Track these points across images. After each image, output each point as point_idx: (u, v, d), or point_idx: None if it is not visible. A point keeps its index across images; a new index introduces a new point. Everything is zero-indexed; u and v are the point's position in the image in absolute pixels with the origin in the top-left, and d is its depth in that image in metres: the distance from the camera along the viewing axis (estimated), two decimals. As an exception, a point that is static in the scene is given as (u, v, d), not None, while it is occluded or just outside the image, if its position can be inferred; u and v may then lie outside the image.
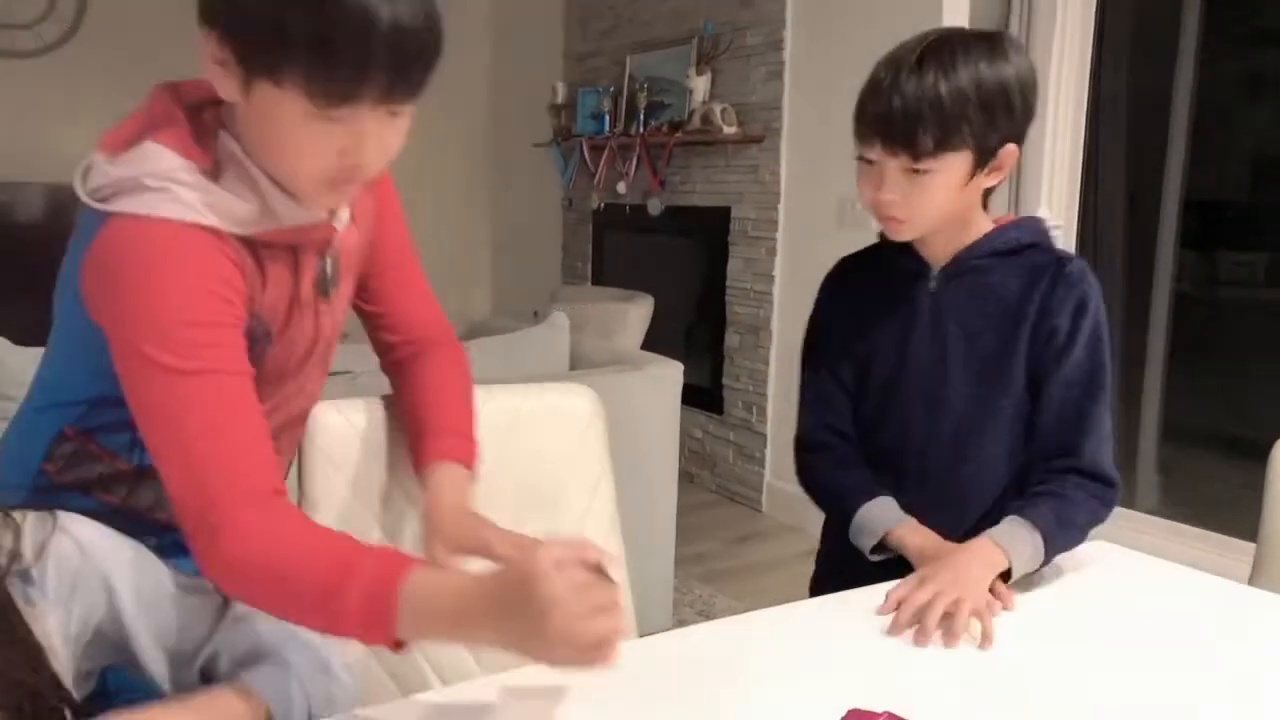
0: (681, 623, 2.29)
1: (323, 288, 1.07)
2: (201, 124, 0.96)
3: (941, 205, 1.25)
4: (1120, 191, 3.54)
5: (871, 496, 1.34)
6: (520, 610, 0.78)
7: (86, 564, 0.85)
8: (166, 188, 0.90)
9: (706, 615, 2.87)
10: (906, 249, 1.33)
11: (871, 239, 1.41)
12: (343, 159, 0.92)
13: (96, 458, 1.00)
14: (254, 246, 0.97)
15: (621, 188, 4.38)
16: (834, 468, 1.39)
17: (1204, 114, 3.39)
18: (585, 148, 4.59)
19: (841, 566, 1.35)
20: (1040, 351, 1.30)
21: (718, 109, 3.78)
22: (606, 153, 4.43)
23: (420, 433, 1.15)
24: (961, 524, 1.31)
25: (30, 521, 0.85)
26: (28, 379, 1.05)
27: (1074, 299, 1.30)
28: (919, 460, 1.36)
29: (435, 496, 1.08)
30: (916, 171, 1.21)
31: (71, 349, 1.00)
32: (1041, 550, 1.21)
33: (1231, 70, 3.52)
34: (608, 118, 4.43)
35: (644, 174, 4.25)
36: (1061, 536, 1.24)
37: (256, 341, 0.98)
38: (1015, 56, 1.22)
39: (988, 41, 1.22)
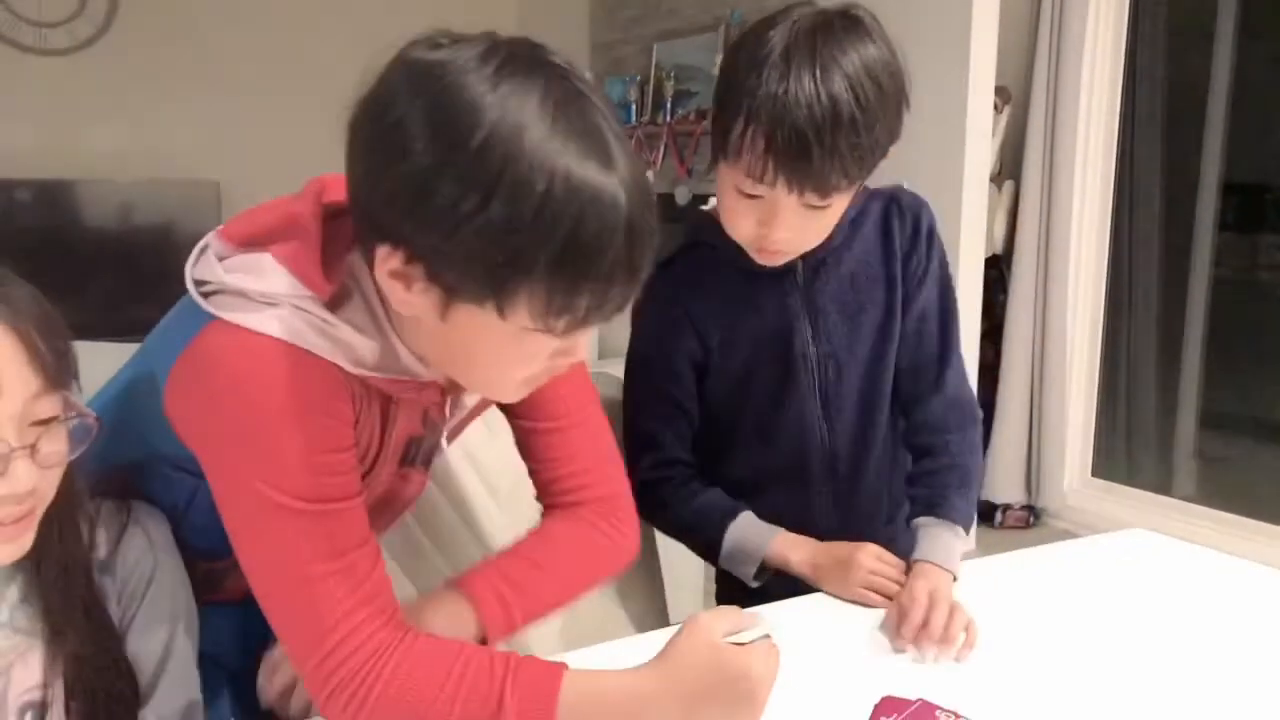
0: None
1: (412, 457, 0.96)
2: (335, 236, 0.82)
3: (831, 228, 1.13)
4: (1157, 174, 3.47)
5: (733, 515, 1.22)
6: (722, 693, 0.79)
7: (156, 566, 0.85)
8: (278, 304, 0.79)
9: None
10: None
11: None
12: (552, 360, 0.82)
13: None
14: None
15: (649, 177, 4.36)
16: (689, 495, 1.23)
17: (1243, 94, 3.32)
18: (613, 137, 4.57)
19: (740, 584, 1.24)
20: (910, 293, 1.23)
21: (745, 96, 3.74)
22: (633, 142, 4.39)
23: (497, 559, 0.97)
24: (877, 512, 1.29)
25: (106, 511, 0.85)
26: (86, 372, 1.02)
27: (923, 227, 1.22)
28: (825, 464, 1.25)
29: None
30: (817, 208, 1.05)
31: (123, 418, 0.88)
32: (967, 539, 1.18)
33: (1271, 49, 3.44)
34: (634, 107, 4.41)
35: (671, 163, 4.23)
36: (970, 508, 1.21)
37: None
38: (882, 37, 1.05)
39: (858, 27, 1.03)
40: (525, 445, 1.03)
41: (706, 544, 1.22)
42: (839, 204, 1.08)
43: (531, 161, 0.69)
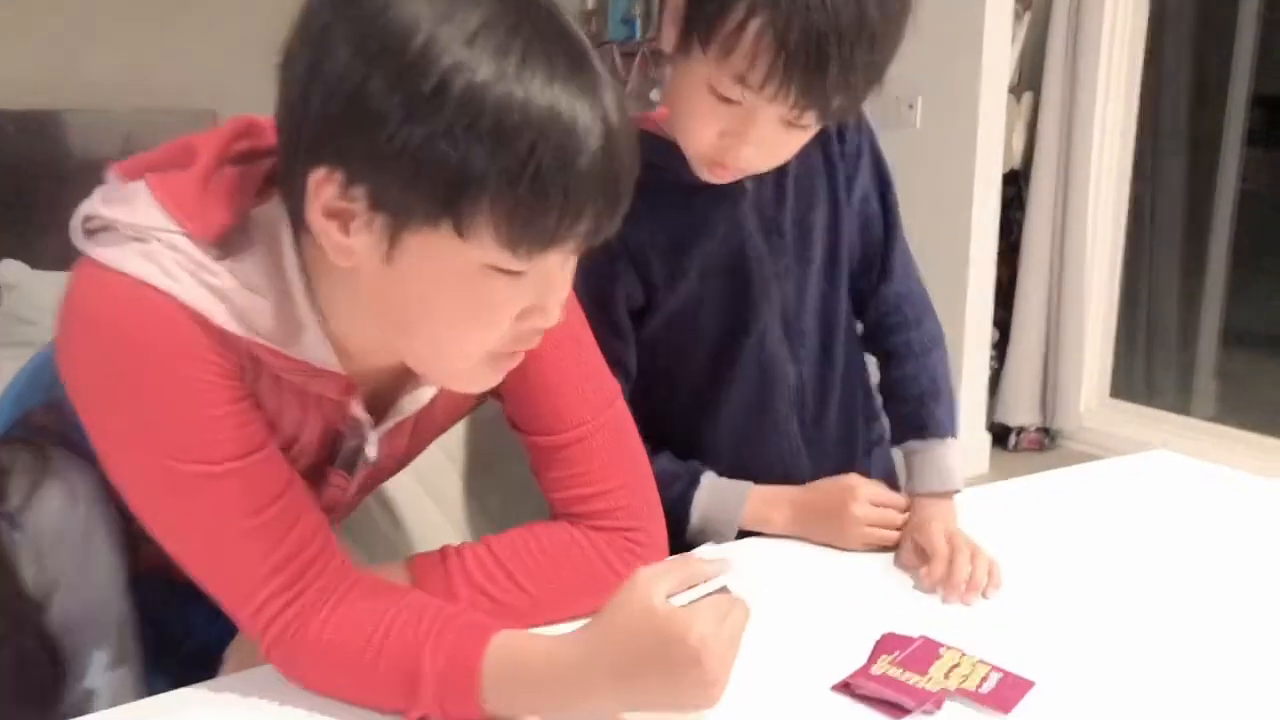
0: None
1: (347, 463, 0.86)
2: (242, 183, 0.73)
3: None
4: (1184, 85, 3.34)
5: (693, 482, 1.09)
6: (657, 660, 0.68)
7: (82, 521, 0.78)
8: (145, 239, 0.69)
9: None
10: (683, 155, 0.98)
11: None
12: (520, 324, 0.72)
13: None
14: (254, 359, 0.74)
15: (655, 95, 4.24)
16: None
17: (1275, 2, 3.17)
18: (617, 54, 4.44)
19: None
20: (850, 174, 1.09)
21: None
22: (639, 59, 4.28)
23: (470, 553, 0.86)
24: (849, 452, 1.19)
25: (22, 460, 0.78)
26: (47, 303, 0.97)
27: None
28: (792, 397, 1.13)
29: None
30: (798, 127, 0.91)
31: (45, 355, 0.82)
32: (955, 444, 1.10)
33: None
34: (639, 22, 4.27)
35: (678, 80, 4.11)
36: (951, 410, 1.13)
37: None
38: None
39: None
40: (535, 462, 0.91)
41: (670, 519, 0.98)
42: (818, 127, 0.93)
43: (485, 63, 0.62)
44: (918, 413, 1.12)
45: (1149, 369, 3.56)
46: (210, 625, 0.84)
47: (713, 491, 1.09)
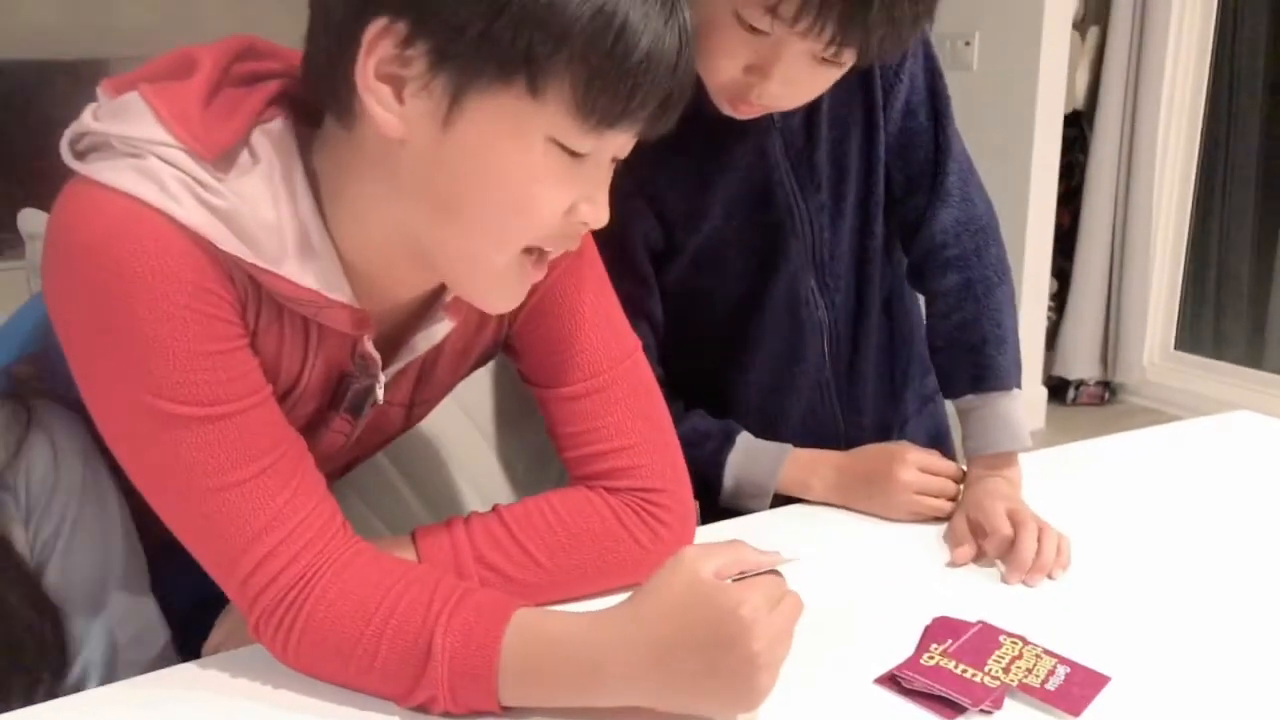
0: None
1: (342, 402, 0.79)
2: (243, 101, 0.67)
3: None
4: (1263, 17, 3.16)
5: (728, 440, 1.02)
6: (701, 637, 0.61)
7: (76, 477, 0.73)
8: (141, 154, 0.63)
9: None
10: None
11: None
12: (576, 210, 0.67)
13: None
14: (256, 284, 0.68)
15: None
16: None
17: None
18: None
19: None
20: (889, 85, 0.98)
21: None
22: None
23: (478, 527, 0.79)
24: (888, 407, 1.11)
25: (5, 414, 0.72)
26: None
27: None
28: (826, 349, 1.05)
29: None
30: (832, 63, 0.83)
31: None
32: (1020, 396, 0.99)
33: None
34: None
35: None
36: (1015, 357, 1.00)
37: None
38: None
39: None
40: (550, 420, 0.84)
41: (701, 481, 0.95)
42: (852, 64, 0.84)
43: None
44: (976, 361, 1.00)
45: (1217, 320, 3.41)
46: (199, 589, 0.77)
47: (748, 453, 1.01)
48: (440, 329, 0.77)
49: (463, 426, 1.21)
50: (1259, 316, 3.33)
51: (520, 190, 0.64)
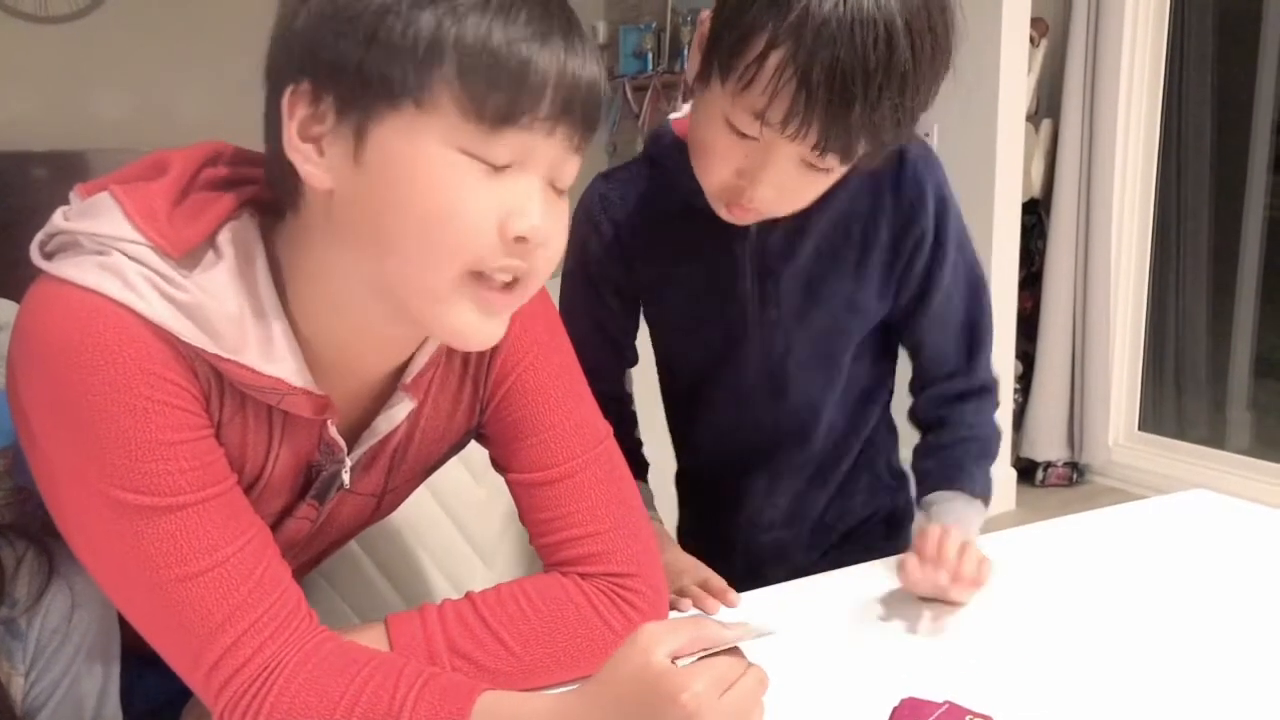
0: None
1: (320, 493, 0.80)
2: (210, 203, 0.69)
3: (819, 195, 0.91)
4: (1207, 110, 3.28)
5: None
6: None
7: (70, 630, 0.71)
8: (106, 251, 0.64)
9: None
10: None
11: None
12: (507, 223, 0.65)
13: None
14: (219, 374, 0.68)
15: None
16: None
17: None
18: (628, 89, 4.42)
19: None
20: (905, 273, 1.02)
21: (765, 39, 3.57)
22: (650, 93, 4.26)
23: (450, 613, 0.79)
24: (827, 483, 1.14)
25: (27, 558, 0.70)
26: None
27: (931, 194, 0.99)
28: (768, 444, 1.10)
29: None
30: (821, 170, 0.85)
31: None
32: (983, 510, 1.04)
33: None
34: (651, 56, 4.26)
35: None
36: (988, 481, 1.06)
37: None
38: None
39: None
40: (522, 506, 0.85)
41: None
42: (841, 171, 0.87)
43: None
44: (956, 468, 1.05)
45: (1179, 401, 3.47)
46: (163, 687, 0.76)
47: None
48: (400, 409, 0.78)
49: (434, 513, 1.21)
50: (1218, 396, 3.40)
51: (437, 203, 0.64)
